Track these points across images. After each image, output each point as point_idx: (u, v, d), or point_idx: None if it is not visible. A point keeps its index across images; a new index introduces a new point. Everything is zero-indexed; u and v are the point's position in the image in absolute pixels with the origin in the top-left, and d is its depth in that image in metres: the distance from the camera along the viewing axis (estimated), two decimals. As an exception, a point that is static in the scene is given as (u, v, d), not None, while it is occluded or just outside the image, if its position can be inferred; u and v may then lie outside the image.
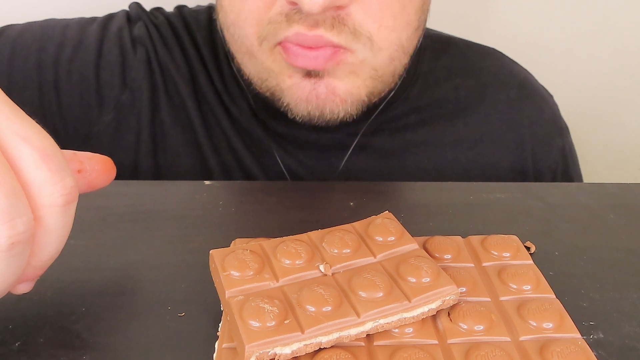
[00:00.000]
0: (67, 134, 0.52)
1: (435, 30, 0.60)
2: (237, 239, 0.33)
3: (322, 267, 0.29)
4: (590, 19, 0.82)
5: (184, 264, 0.33)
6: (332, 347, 0.26)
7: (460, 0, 0.81)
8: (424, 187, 0.42)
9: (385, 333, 0.27)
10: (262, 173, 0.52)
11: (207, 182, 0.42)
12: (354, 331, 0.26)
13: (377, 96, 0.48)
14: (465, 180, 0.53)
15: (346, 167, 0.53)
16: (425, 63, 0.56)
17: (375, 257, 0.30)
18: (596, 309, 0.31)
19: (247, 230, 0.36)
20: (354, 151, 0.53)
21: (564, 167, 0.59)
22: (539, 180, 0.57)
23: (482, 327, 0.28)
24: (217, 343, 0.27)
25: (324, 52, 0.41)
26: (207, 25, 0.54)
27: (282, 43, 0.42)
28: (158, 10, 0.56)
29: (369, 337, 0.27)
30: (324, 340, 0.26)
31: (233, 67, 0.52)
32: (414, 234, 0.32)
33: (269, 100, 0.47)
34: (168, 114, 0.52)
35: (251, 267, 0.28)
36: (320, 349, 0.26)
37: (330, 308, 0.26)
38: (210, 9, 0.56)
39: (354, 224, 0.32)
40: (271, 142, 0.52)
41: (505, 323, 0.28)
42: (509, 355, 0.26)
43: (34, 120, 0.25)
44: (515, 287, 0.30)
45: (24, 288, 0.28)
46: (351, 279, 0.28)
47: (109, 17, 0.55)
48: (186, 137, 0.52)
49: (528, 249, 0.35)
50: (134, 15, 0.55)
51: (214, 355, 0.27)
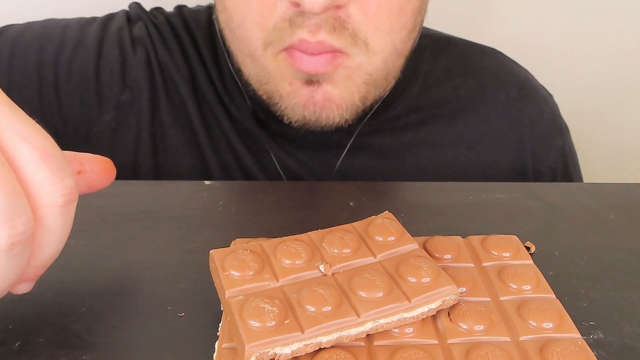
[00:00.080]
0: (67, 134, 0.52)
1: (435, 30, 0.60)
2: (237, 239, 0.33)
3: (322, 267, 0.29)
4: (590, 19, 0.82)
5: (184, 264, 0.33)
6: (332, 347, 0.26)
7: (460, 0, 0.81)
8: (424, 187, 0.42)
9: (385, 333, 0.27)
10: (261, 173, 0.52)
11: (207, 182, 0.42)
12: (354, 331, 0.26)
13: (372, 101, 0.48)
14: (465, 180, 0.53)
15: (343, 166, 0.53)
16: (425, 63, 0.56)
17: (375, 257, 0.30)
18: (596, 309, 0.31)
19: (247, 230, 0.36)
20: (352, 151, 0.53)
21: (564, 167, 0.59)
22: (539, 180, 0.57)
23: (482, 327, 0.28)
24: (217, 343, 0.27)
25: (325, 57, 0.42)
26: (207, 25, 0.54)
27: (287, 49, 0.43)
28: (158, 10, 0.56)
29: (369, 337, 0.27)
30: (324, 340, 0.26)
31: (232, 68, 0.52)
32: (414, 234, 0.32)
33: (265, 103, 0.48)
34: (168, 113, 0.52)
35: (251, 267, 0.28)
36: (320, 349, 0.26)
37: (330, 308, 0.26)
38: (210, 9, 0.56)
39: (354, 224, 0.32)
40: (270, 142, 0.52)
41: (505, 323, 0.28)
42: (509, 355, 0.26)
43: (34, 120, 0.25)
44: (515, 287, 0.30)
45: (24, 288, 0.28)
46: (351, 279, 0.28)
47: (109, 17, 0.55)
48: (186, 137, 0.52)
49: (528, 249, 0.35)
50: (133, 15, 0.55)
51: (214, 355, 0.27)
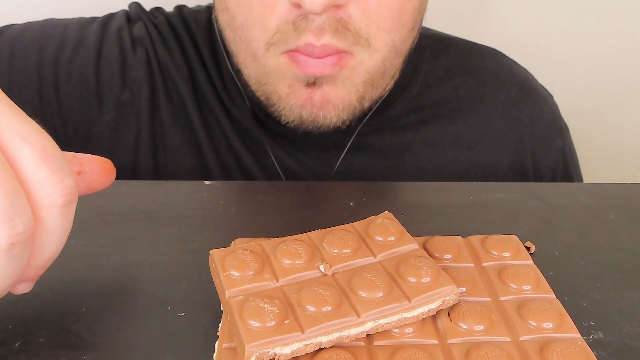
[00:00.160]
0: (66, 134, 0.52)
1: (435, 30, 0.60)
2: (237, 239, 0.33)
3: (322, 267, 0.29)
4: (590, 19, 0.82)
5: (184, 264, 0.33)
6: (332, 347, 0.26)
7: (460, 0, 0.81)
8: (424, 187, 0.42)
9: (385, 333, 0.27)
10: (261, 173, 0.52)
11: (207, 182, 0.42)
12: (354, 331, 0.26)
13: (369, 101, 0.48)
14: (465, 180, 0.53)
15: (343, 166, 0.53)
16: (425, 63, 0.56)
17: (375, 257, 0.30)
18: (596, 309, 0.31)
19: (247, 230, 0.36)
20: (351, 151, 0.53)
21: (564, 167, 0.59)
22: (539, 180, 0.57)
23: (482, 327, 0.28)
24: (217, 343, 0.27)
25: (331, 59, 0.42)
26: (207, 25, 0.54)
27: (291, 53, 0.42)
28: (158, 10, 0.56)
29: (369, 337, 0.27)
30: (324, 340, 0.26)
31: (231, 68, 0.52)
32: (414, 234, 0.32)
33: (263, 104, 0.48)
34: (168, 113, 0.52)
35: (251, 267, 0.28)
36: (320, 349, 0.26)
37: (330, 308, 0.26)
38: (209, 9, 0.56)
39: (354, 224, 0.32)
40: (270, 141, 0.52)
41: (505, 323, 0.28)
42: (509, 355, 0.26)
43: (34, 120, 0.25)
44: (515, 287, 0.30)
45: (24, 288, 0.28)
46: (351, 279, 0.28)
47: (109, 17, 0.55)
48: (186, 137, 0.52)
49: (528, 249, 0.35)
50: (133, 15, 0.55)
51: (214, 355, 0.27)
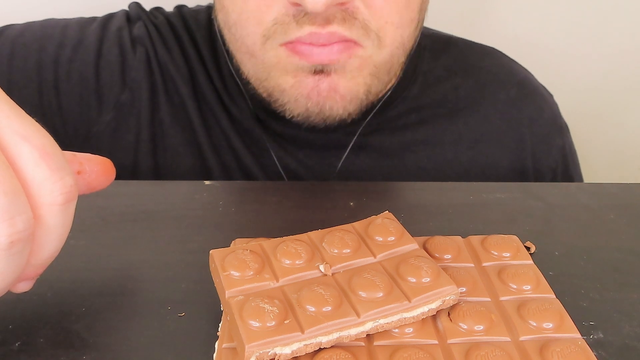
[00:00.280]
0: (66, 134, 0.52)
1: (435, 30, 0.60)
2: (237, 239, 0.33)
3: (322, 267, 0.29)
4: (590, 19, 0.82)
5: (184, 264, 0.33)
6: (332, 347, 0.26)
7: (460, 0, 0.81)
8: (424, 187, 0.42)
9: (385, 333, 0.27)
10: (261, 173, 0.52)
11: (207, 182, 0.42)
12: (354, 331, 0.26)
13: (375, 95, 0.48)
14: (465, 180, 0.53)
15: (344, 166, 0.53)
16: (425, 62, 0.56)
17: (375, 257, 0.30)
18: (596, 309, 0.31)
19: (247, 230, 0.36)
20: (352, 150, 0.53)
21: (564, 167, 0.59)
22: (539, 180, 0.57)
23: (482, 327, 0.28)
24: (217, 343, 0.27)
25: (338, 46, 0.41)
26: (207, 25, 0.54)
27: (292, 44, 0.42)
28: (158, 10, 0.56)
29: (369, 337, 0.27)
30: (324, 340, 0.26)
31: (231, 68, 0.52)
32: (414, 234, 0.32)
33: (266, 102, 0.47)
34: (167, 113, 0.52)
35: (251, 267, 0.28)
36: (320, 349, 0.26)
37: (330, 308, 0.26)
38: (209, 8, 0.56)
39: (354, 224, 0.32)
40: (270, 141, 0.52)
41: (505, 323, 0.28)
42: (509, 355, 0.26)
43: (34, 119, 0.25)
44: (515, 287, 0.30)
45: (23, 287, 0.28)
46: (351, 279, 0.28)
47: (109, 17, 0.55)
48: (186, 137, 0.52)
49: (528, 249, 0.35)
50: (133, 15, 0.55)
51: (214, 355, 0.27)
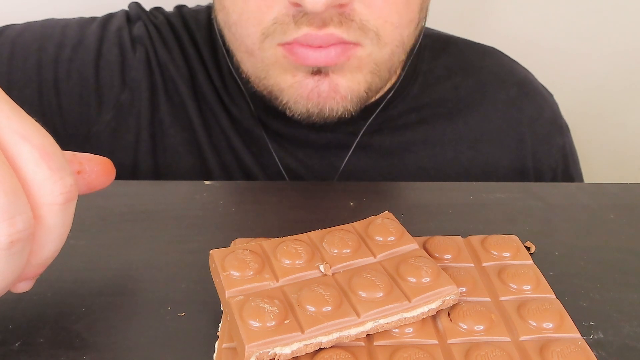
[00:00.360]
0: (66, 134, 0.52)
1: (434, 30, 0.60)
2: (237, 239, 0.33)
3: (322, 267, 0.29)
4: (590, 19, 0.82)
5: (184, 264, 0.33)
6: (332, 347, 0.26)
7: (460, 0, 0.81)
8: (424, 187, 0.42)
9: (385, 333, 0.27)
10: (261, 172, 0.52)
11: (207, 182, 0.42)
12: (354, 331, 0.26)
13: (375, 92, 0.48)
14: (465, 179, 0.53)
15: (347, 167, 0.53)
16: (425, 62, 0.56)
17: (375, 257, 0.30)
18: (596, 309, 0.31)
19: (247, 230, 0.36)
20: (354, 151, 0.53)
21: (564, 166, 0.59)
22: (539, 179, 0.57)
23: (482, 327, 0.28)
24: (217, 343, 0.27)
25: (335, 50, 0.41)
26: (207, 24, 0.54)
27: (289, 45, 0.42)
28: (158, 10, 0.56)
29: (369, 337, 0.27)
30: (324, 340, 0.26)
31: (232, 67, 0.52)
32: (414, 234, 0.32)
33: (267, 99, 0.47)
34: (167, 113, 0.52)
35: (251, 267, 0.28)
36: (320, 349, 0.26)
37: (330, 308, 0.26)
38: (209, 8, 0.56)
39: (354, 224, 0.32)
40: (271, 141, 0.52)
41: (505, 323, 0.28)
42: (509, 355, 0.26)
43: (34, 119, 0.25)
44: (515, 287, 0.30)
45: (23, 287, 0.28)
46: (351, 279, 0.28)
47: (109, 17, 0.55)
48: (185, 137, 0.52)
49: (528, 249, 0.35)
50: (133, 15, 0.55)
51: (214, 355, 0.27)
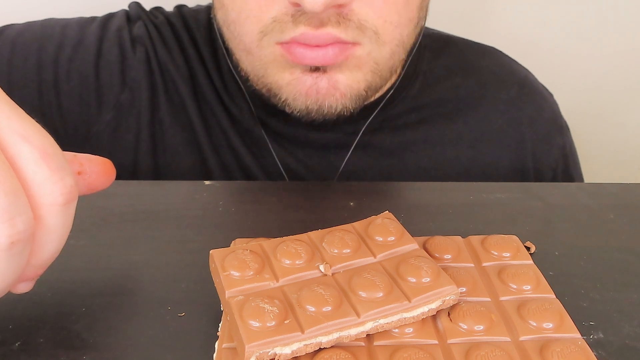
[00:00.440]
0: (66, 134, 0.52)
1: (434, 30, 0.60)
2: (237, 239, 0.33)
3: (322, 267, 0.29)
4: (590, 19, 0.82)
5: (184, 264, 0.33)
6: (332, 347, 0.26)
7: (460, 0, 0.81)
8: (424, 187, 0.42)
9: (385, 333, 0.27)
10: (262, 172, 0.52)
11: (207, 182, 0.42)
12: (354, 331, 0.26)
13: (375, 91, 0.48)
14: (466, 179, 0.53)
15: (347, 166, 0.53)
16: (425, 62, 0.56)
17: (375, 257, 0.30)
18: (596, 309, 0.31)
19: (247, 230, 0.36)
20: (354, 150, 0.53)
21: (564, 166, 0.59)
22: (539, 179, 0.57)
23: (482, 327, 0.28)
24: (217, 343, 0.27)
25: (332, 49, 0.41)
26: (207, 24, 0.54)
27: (287, 44, 0.42)
28: (158, 9, 0.56)
29: (369, 337, 0.27)
30: (324, 340, 0.26)
31: (231, 66, 0.52)
32: (414, 234, 0.32)
33: (266, 97, 0.47)
34: (167, 113, 0.52)
35: (251, 267, 0.28)
36: (320, 349, 0.26)
37: (330, 308, 0.26)
38: (209, 8, 0.56)
39: (354, 224, 0.32)
40: (271, 141, 0.52)
41: (505, 323, 0.28)
42: (509, 355, 0.26)
43: (34, 119, 0.25)
44: (515, 287, 0.30)
45: (24, 287, 0.28)
46: (351, 279, 0.28)
47: (109, 17, 0.55)
48: (185, 137, 0.52)
49: (528, 249, 0.35)
50: (133, 14, 0.55)
51: (214, 355, 0.27)
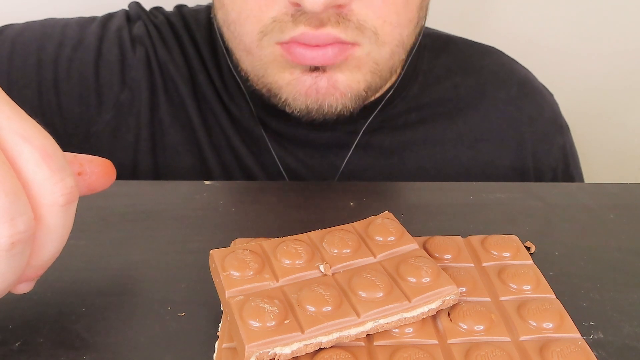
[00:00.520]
0: (66, 133, 0.52)
1: (434, 29, 0.60)
2: (237, 239, 0.33)
3: (322, 267, 0.29)
4: (590, 19, 0.82)
5: (184, 264, 0.33)
6: (332, 347, 0.26)
7: (460, 0, 0.81)
8: (424, 187, 0.42)
9: (385, 333, 0.27)
10: (262, 172, 0.52)
11: (207, 182, 0.42)
12: (354, 331, 0.26)
13: (375, 91, 0.48)
14: (466, 179, 0.53)
15: (348, 166, 0.53)
16: (425, 61, 0.56)
17: (375, 257, 0.30)
18: (596, 309, 0.31)
19: (247, 230, 0.36)
20: (354, 150, 0.53)
21: (564, 166, 0.59)
22: (539, 179, 0.57)
23: (482, 327, 0.28)
24: (217, 343, 0.27)
25: (332, 49, 0.41)
26: (207, 24, 0.54)
27: (287, 44, 0.42)
28: (158, 9, 0.56)
29: (369, 337, 0.27)
30: (324, 340, 0.26)
31: (231, 65, 0.52)
32: (414, 234, 0.32)
33: (266, 97, 0.47)
34: (167, 113, 0.52)
35: (251, 267, 0.28)
36: (320, 349, 0.26)
37: (330, 308, 0.26)
38: (209, 8, 0.56)
39: (354, 224, 0.32)
40: (271, 140, 0.52)
41: (505, 323, 0.28)
42: (509, 355, 0.26)
43: (34, 119, 0.25)
44: (515, 287, 0.30)
45: (24, 288, 0.28)
46: (351, 279, 0.28)
47: (109, 17, 0.55)
48: (185, 136, 0.52)
49: (528, 249, 0.35)
50: (133, 14, 0.55)
51: (214, 355, 0.27)
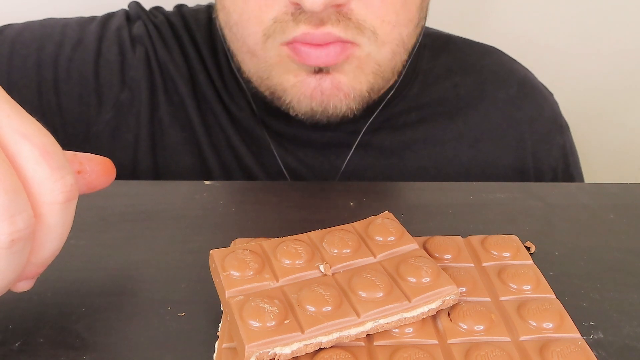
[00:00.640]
0: (66, 133, 0.52)
1: (434, 29, 0.60)
2: (237, 239, 0.33)
3: (322, 267, 0.29)
4: (590, 19, 0.82)
5: (184, 264, 0.33)
6: (332, 347, 0.26)
7: (460, 0, 0.81)
8: (424, 187, 0.42)
9: (385, 333, 0.27)
10: (262, 172, 0.52)
11: (207, 182, 0.42)
12: (354, 331, 0.26)
13: (378, 92, 0.48)
14: (466, 178, 0.53)
15: (349, 166, 0.53)
16: (425, 61, 0.56)
17: (375, 257, 0.30)
18: (596, 309, 0.31)
19: (247, 230, 0.36)
20: (355, 150, 0.53)
21: (564, 165, 0.59)
22: (539, 179, 0.57)
23: (482, 327, 0.28)
24: (217, 343, 0.27)
25: (334, 48, 0.42)
26: (207, 24, 0.54)
27: (291, 44, 0.42)
28: (157, 9, 0.56)
29: (369, 337, 0.27)
30: (324, 340, 0.26)
31: (232, 66, 0.52)
32: (414, 234, 0.32)
33: (268, 99, 0.47)
34: (167, 112, 0.52)
35: (251, 267, 0.28)
36: (320, 349, 0.26)
37: (330, 308, 0.26)
38: (209, 8, 0.56)
39: (354, 224, 0.32)
40: (271, 140, 0.52)
41: (505, 323, 0.28)
42: (509, 355, 0.26)
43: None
44: (515, 287, 0.30)
45: (24, 286, 0.28)
46: (351, 279, 0.28)
47: (108, 16, 0.55)
48: (185, 136, 0.52)
49: (528, 249, 0.35)
50: (133, 14, 0.55)
51: (214, 355, 0.27)
